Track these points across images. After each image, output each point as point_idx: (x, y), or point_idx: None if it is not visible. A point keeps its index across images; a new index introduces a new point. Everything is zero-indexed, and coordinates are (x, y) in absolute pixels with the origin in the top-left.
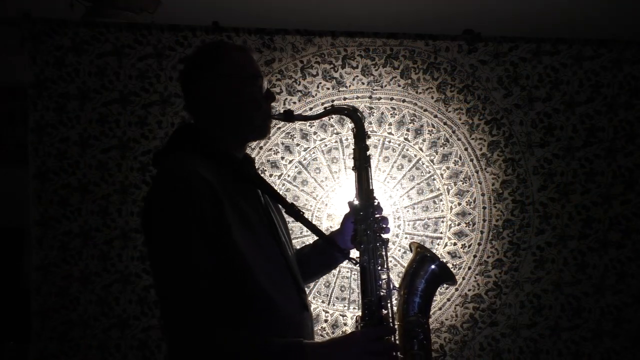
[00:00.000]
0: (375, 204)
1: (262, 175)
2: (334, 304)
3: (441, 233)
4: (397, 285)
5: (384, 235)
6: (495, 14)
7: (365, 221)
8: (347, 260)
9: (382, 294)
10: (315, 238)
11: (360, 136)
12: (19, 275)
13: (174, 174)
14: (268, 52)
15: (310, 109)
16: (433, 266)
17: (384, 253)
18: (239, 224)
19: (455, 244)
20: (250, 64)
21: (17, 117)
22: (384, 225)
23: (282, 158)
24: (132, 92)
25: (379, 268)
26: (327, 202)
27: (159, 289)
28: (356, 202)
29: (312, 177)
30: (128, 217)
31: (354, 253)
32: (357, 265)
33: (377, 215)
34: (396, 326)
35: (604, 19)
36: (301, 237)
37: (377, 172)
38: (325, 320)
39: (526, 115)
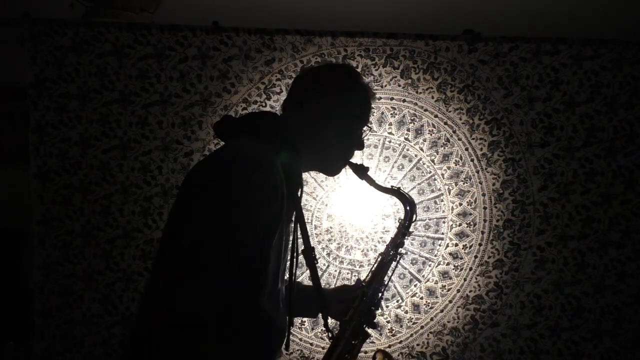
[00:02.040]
0: (379, 297)
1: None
2: None
3: (442, 234)
4: None
5: (370, 331)
6: (495, 14)
7: (359, 308)
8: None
9: None
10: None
11: (402, 232)
12: (19, 276)
13: (262, 162)
14: (268, 52)
15: None
16: None
17: (358, 343)
18: (277, 239)
19: (456, 244)
20: (370, 110)
21: (17, 117)
22: (374, 321)
23: None
24: (133, 92)
25: (347, 357)
26: (327, 202)
27: (173, 255)
28: (363, 285)
29: (312, 177)
30: (130, 217)
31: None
32: (331, 339)
33: (372, 312)
34: None
35: (604, 19)
36: None
37: (377, 172)
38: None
39: (526, 115)
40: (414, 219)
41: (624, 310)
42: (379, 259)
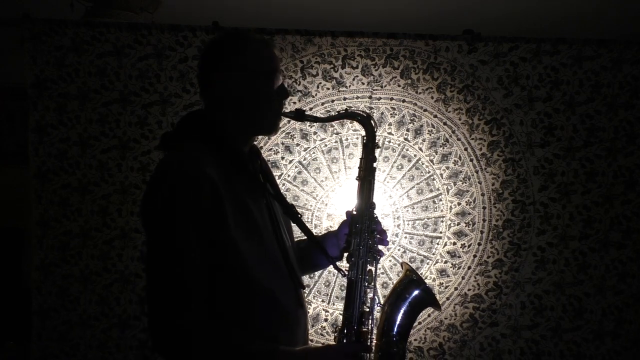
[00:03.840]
0: (374, 217)
1: (268, 167)
2: (334, 303)
3: (441, 233)
4: (381, 301)
5: (382, 248)
6: (495, 14)
7: (360, 234)
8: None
9: (365, 309)
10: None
11: (370, 146)
12: (19, 275)
13: (182, 171)
14: None
15: (310, 109)
16: (418, 290)
17: (373, 268)
18: (240, 220)
19: (454, 243)
20: (270, 58)
21: (17, 117)
22: (381, 238)
23: (282, 158)
24: (132, 92)
25: (366, 284)
26: (327, 202)
27: (150, 280)
28: (354, 213)
29: (312, 177)
30: (128, 217)
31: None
32: (345, 277)
33: (374, 230)
34: (373, 344)
35: (604, 19)
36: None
37: (377, 172)
38: (325, 320)
39: (526, 115)
40: (376, 130)
41: (625, 311)
42: (358, 181)
